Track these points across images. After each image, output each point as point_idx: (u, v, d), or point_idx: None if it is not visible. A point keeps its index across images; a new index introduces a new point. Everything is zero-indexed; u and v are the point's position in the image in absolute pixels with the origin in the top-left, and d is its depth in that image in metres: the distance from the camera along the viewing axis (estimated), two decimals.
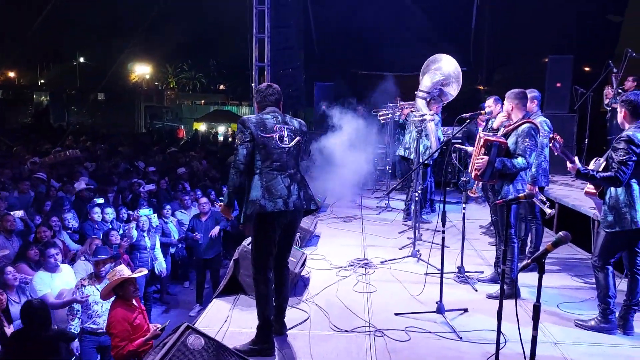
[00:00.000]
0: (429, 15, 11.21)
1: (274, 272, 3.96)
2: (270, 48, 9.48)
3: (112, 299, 4.61)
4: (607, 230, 4.08)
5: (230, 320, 4.37)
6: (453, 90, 7.01)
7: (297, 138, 3.92)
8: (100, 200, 8.04)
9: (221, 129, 28.80)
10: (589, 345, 4.02)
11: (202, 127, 29.45)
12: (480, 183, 5.13)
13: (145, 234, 7.26)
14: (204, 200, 8.29)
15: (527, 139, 4.61)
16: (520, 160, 4.58)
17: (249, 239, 5.08)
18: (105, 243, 6.27)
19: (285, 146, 3.84)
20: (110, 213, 7.39)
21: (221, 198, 9.22)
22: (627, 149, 3.87)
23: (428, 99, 7.15)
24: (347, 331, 4.16)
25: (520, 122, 4.74)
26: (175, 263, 8.91)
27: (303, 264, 5.30)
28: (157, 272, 7.42)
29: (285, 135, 3.86)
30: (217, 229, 7.91)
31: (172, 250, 8.51)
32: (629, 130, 3.97)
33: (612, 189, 4.05)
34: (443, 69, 6.99)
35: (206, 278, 8.27)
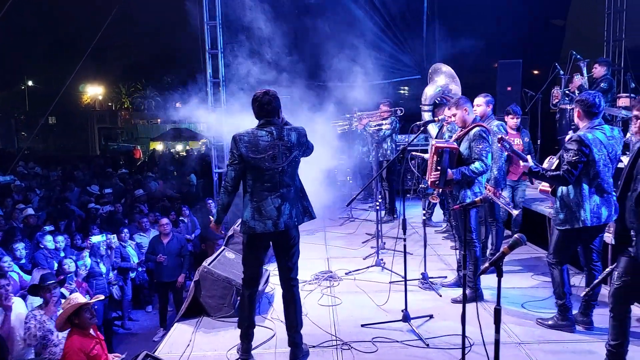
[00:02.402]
0: (382, 24, 11.35)
1: (283, 291, 3.97)
2: (224, 63, 9.41)
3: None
4: (559, 228, 4.16)
5: (193, 344, 4.25)
6: (457, 90, 7.22)
7: (294, 154, 3.80)
8: (51, 228, 7.75)
9: (179, 147, 28.39)
10: (552, 343, 4.09)
11: (159, 146, 28.94)
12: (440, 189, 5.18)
13: (99, 259, 7.03)
14: (164, 221, 8.09)
15: (480, 143, 4.68)
16: (478, 165, 4.64)
17: (209, 259, 4.99)
18: (60, 273, 6.03)
19: (278, 166, 3.74)
20: (61, 241, 7.12)
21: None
22: (577, 151, 3.96)
23: (432, 109, 7.32)
24: (313, 346, 4.10)
25: (470, 126, 4.81)
26: (136, 288, 8.65)
27: (266, 281, 5.22)
28: (115, 297, 7.18)
29: (279, 153, 3.75)
30: None
31: (132, 274, 8.27)
32: (581, 131, 4.07)
33: (564, 187, 4.14)
34: (437, 81, 7.29)
35: (169, 301, 8.06)
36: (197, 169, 15.48)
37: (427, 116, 7.24)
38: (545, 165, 4.59)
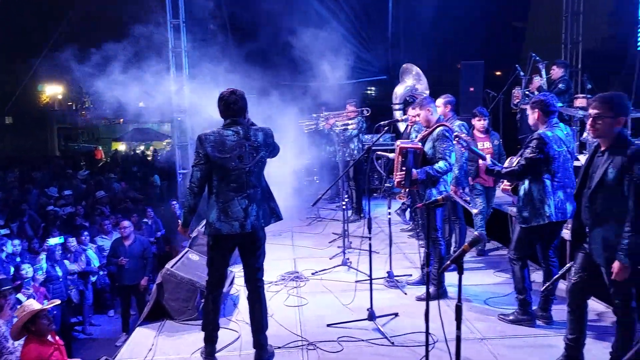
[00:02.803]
0: (348, 24, 11.40)
1: (248, 292, 3.93)
2: (188, 62, 9.30)
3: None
4: (524, 226, 4.24)
5: (156, 348, 4.18)
6: (425, 90, 7.30)
7: (260, 154, 3.76)
8: (5, 232, 7.50)
9: (142, 147, 27.84)
10: (513, 338, 4.17)
11: (121, 146, 28.31)
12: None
13: (55, 263, 6.84)
14: (126, 223, 7.92)
15: (443, 142, 4.74)
16: (441, 164, 4.69)
17: (172, 262, 4.91)
18: (17, 278, 5.84)
19: (245, 166, 3.70)
20: (17, 245, 6.90)
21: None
22: (535, 148, 4.06)
23: (403, 108, 7.37)
24: (279, 347, 4.08)
25: (434, 126, 4.88)
26: (97, 292, 8.45)
27: (232, 283, 5.17)
28: (74, 301, 7.00)
29: (246, 154, 3.70)
30: None
31: (93, 278, 8.07)
32: (541, 130, 4.17)
33: (526, 185, 4.21)
34: (406, 81, 7.35)
35: (132, 305, 7.90)
36: (161, 169, 15.24)
37: (398, 115, 7.32)
38: (506, 164, 4.68)
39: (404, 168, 4.70)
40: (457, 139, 4.53)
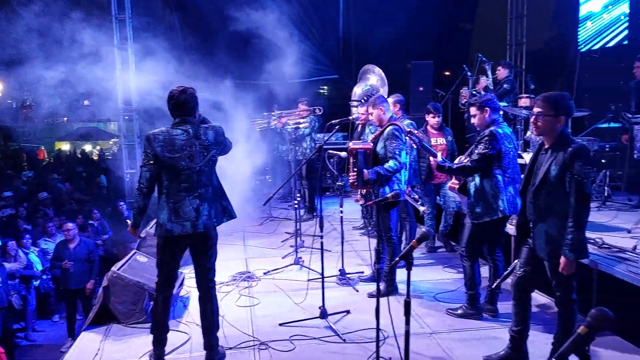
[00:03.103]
0: (299, 23, 11.38)
1: (199, 293, 3.86)
2: (135, 59, 9.04)
3: None
4: (477, 222, 4.33)
5: (102, 352, 4.05)
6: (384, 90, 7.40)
7: (211, 153, 3.70)
8: None
9: (87, 147, 26.95)
10: (461, 331, 4.27)
11: (65, 146, 27.30)
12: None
13: None
14: (69, 225, 7.64)
15: (393, 141, 4.79)
16: (391, 163, 4.74)
17: (119, 264, 4.78)
18: None
19: (196, 166, 3.62)
20: None
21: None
22: (487, 144, 4.16)
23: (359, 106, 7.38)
24: (230, 348, 4.03)
25: (385, 126, 4.93)
26: (41, 296, 8.13)
27: (182, 284, 5.07)
28: (16, 306, 6.71)
29: (196, 153, 3.63)
30: None
31: (36, 282, 7.75)
32: (492, 127, 4.27)
33: (477, 182, 4.30)
34: (368, 80, 7.37)
35: (78, 309, 7.64)
36: (107, 169, 14.79)
37: (354, 110, 7.36)
38: (457, 161, 4.78)
39: (355, 169, 4.75)
40: (409, 135, 4.59)
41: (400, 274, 5.11)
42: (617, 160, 7.25)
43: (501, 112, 7.32)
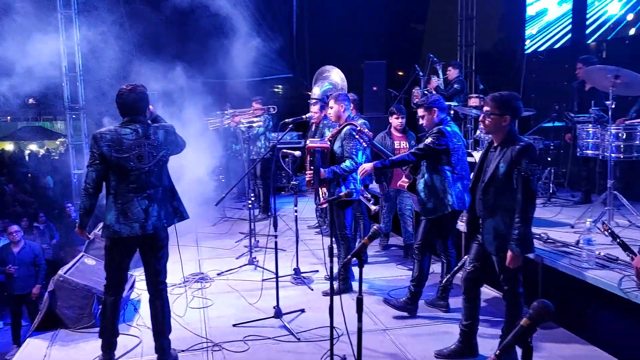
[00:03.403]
0: (252, 21, 11.29)
1: (150, 296, 3.79)
2: (82, 56, 8.78)
3: None
4: (430, 217, 4.40)
5: (49, 359, 3.90)
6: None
7: (161, 153, 3.62)
8: None
9: (33, 147, 25.94)
10: (414, 327, 4.35)
11: (9, 146, 26.21)
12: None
13: None
14: (14, 228, 7.35)
15: (350, 141, 4.84)
16: (348, 163, 4.79)
17: (66, 267, 4.63)
18: None
19: (145, 166, 3.53)
20: None
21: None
22: (435, 139, 4.25)
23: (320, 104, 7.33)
24: (182, 351, 3.96)
25: (343, 125, 4.97)
26: None
27: (132, 287, 4.95)
28: None
29: (145, 153, 3.54)
30: None
31: None
32: (440, 126, 4.36)
33: (427, 178, 4.37)
34: (329, 78, 7.33)
35: (23, 315, 7.35)
36: (54, 170, 14.30)
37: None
38: None
39: (312, 167, 4.76)
40: (359, 134, 4.63)
41: (356, 272, 5.16)
42: (561, 158, 7.52)
43: (452, 112, 7.54)
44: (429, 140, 4.29)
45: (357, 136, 4.64)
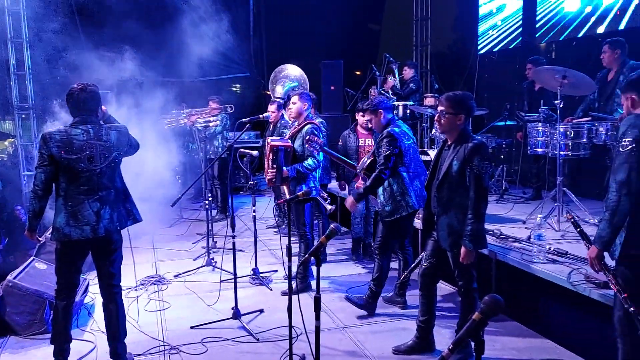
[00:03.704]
0: (208, 20, 11.15)
1: (104, 300, 3.70)
2: (30, 54, 8.46)
3: None
4: (388, 219, 4.45)
5: None
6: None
7: (113, 155, 3.53)
8: None
9: None
10: (372, 324, 4.40)
11: None
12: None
13: None
14: None
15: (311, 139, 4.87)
16: (310, 161, 4.82)
17: (15, 272, 4.47)
18: None
19: (96, 167, 3.44)
20: None
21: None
22: (388, 145, 4.29)
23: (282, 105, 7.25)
24: (139, 355, 3.89)
25: (303, 124, 4.98)
26: None
27: (85, 291, 4.83)
28: None
29: (97, 154, 3.45)
30: None
31: None
32: (388, 128, 4.41)
33: (385, 183, 4.42)
34: (291, 76, 7.26)
35: None
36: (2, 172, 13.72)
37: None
38: (360, 163, 4.88)
39: (274, 166, 4.75)
40: (308, 142, 4.67)
41: (322, 270, 5.17)
42: (513, 156, 7.75)
43: (408, 111, 7.65)
44: (383, 150, 4.30)
45: (307, 144, 4.69)
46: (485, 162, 3.43)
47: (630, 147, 2.65)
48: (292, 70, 7.60)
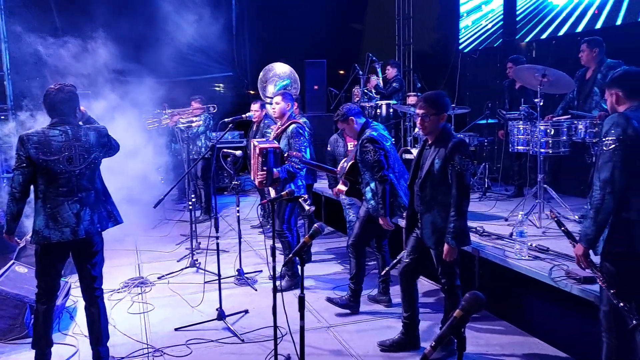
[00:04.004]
0: (190, 19, 11.09)
1: (85, 303, 3.66)
2: (9, 55, 8.34)
3: None
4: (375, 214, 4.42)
5: None
6: (294, 89, 7.31)
7: (92, 156, 3.49)
8: None
9: None
10: (357, 323, 4.40)
11: None
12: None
13: None
14: None
15: (297, 139, 4.88)
16: (297, 160, 4.82)
17: None
18: None
19: (75, 169, 3.40)
20: None
21: None
22: (373, 149, 4.28)
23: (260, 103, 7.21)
24: (122, 358, 3.85)
25: (287, 124, 4.99)
26: None
27: (67, 294, 4.76)
28: None
29: (76, 155, 3.41)
30: None
31: None
32: (366, 132, 4.39)
33: (373, 186, 4.32)
34: (281, 74, 7.24)
35: None
36: None
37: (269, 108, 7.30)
38: (339, 168, 4.87)
39: (264, 168, 4.74)
40: (288, 160, 4.69)
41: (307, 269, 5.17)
42: (495, 154, 7.81)
43: (391, 110, 7.68)
44: (369, 157, 4.26)
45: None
46: (467, 160, 3.46)
47: (613, 145, 2.68)
48: (282, 68, 7.57)
